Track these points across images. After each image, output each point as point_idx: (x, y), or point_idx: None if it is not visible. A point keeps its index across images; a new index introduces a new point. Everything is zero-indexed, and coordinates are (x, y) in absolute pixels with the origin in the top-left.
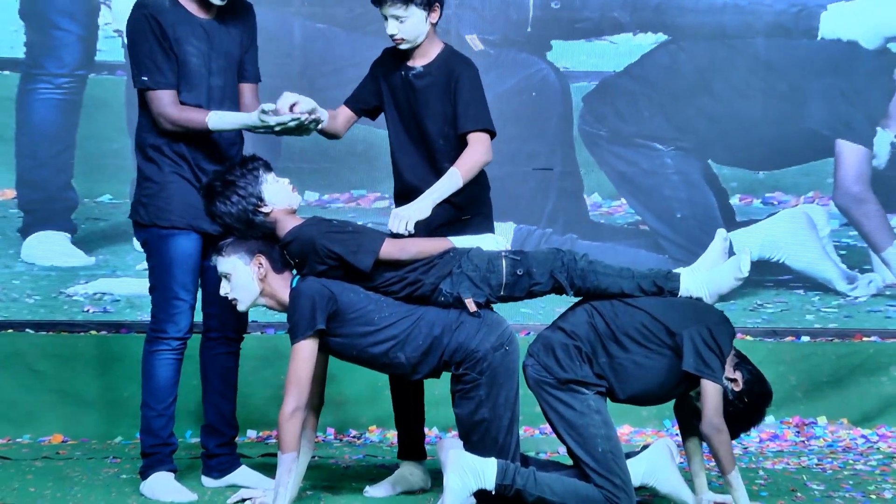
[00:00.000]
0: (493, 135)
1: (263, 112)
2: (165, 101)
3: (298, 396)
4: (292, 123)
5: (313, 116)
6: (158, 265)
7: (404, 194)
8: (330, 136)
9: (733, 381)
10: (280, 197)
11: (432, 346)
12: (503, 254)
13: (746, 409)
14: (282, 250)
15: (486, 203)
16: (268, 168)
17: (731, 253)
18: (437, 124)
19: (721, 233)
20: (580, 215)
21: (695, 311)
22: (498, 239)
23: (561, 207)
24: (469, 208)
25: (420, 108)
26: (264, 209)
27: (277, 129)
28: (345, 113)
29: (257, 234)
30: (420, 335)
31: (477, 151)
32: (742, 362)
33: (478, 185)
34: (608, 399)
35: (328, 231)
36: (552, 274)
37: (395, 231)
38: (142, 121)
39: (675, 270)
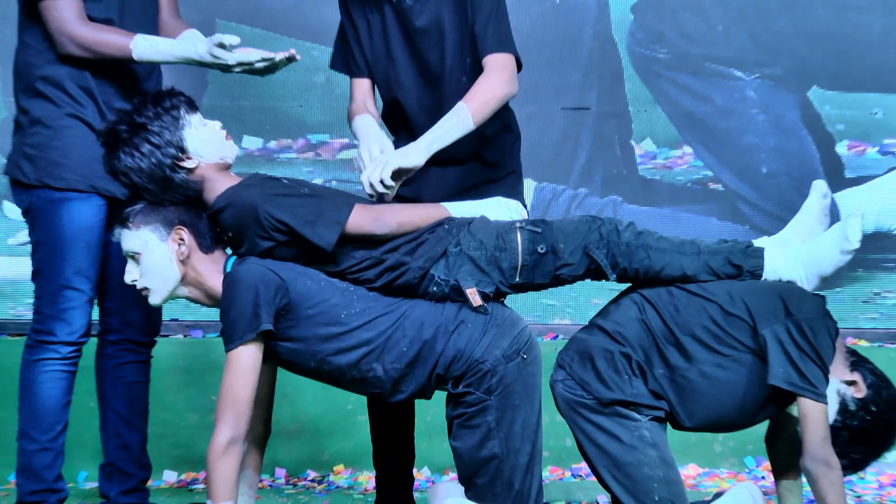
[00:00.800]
0: (519, 64)
1: (221, 46)
2: (70, 13)
3: (235, 424)
4: (260, 64)
5: (287, 54)
6: (46, 241)
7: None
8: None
9: (852, 384)
10: (209, 146)
11: (421, 354)
12: (518, 225)
13: (874, 425)
14: (212, 220)
15: (519, 158)
16: (192, 107)
17: (835, 219)
18: (448, 58)
19: (819, 186)
20: (626, 170)
21: (785, 299)
22: (511, 204)
23: (599, 160)
24: (503, 165)
25: (421, 43)
26: (187, 163)
27: (237, 69)
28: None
29: (177, 198)
30: (404, 339)
31: (494, 80)
32: (860, 361)
33: (510, 132)
34: (668, 427)
35: (276, 194)
36: (586, 251)
37: (369, 192)
38: (27, 41)
39: (756, 243)
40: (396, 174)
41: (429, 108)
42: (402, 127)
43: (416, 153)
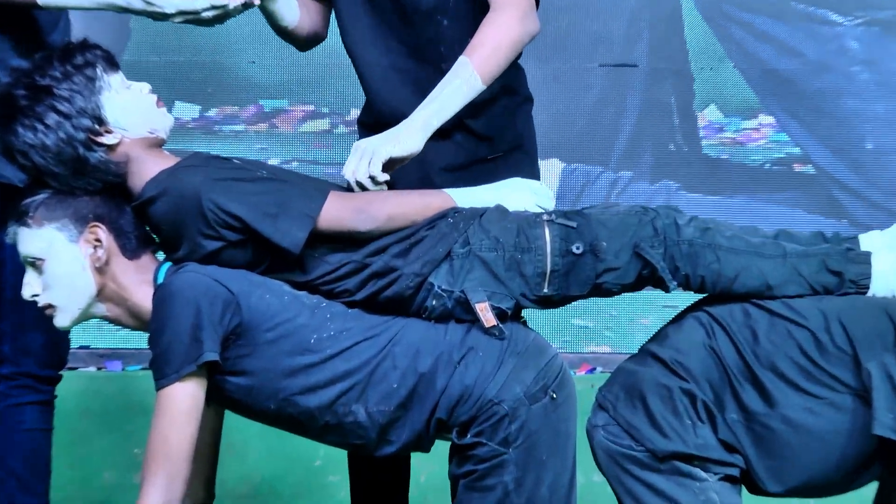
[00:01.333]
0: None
1: None
2: None
3: (168, 485)
4: (208, 13)
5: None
6: None
7: (382, 125)
8: (295, 37)
9: None
10: (135, 116)
11: (416, 392)
12: (546, 217)
13: None
14: (139, 214)
15: (529, 128)
16: (111, 64)
17: None
18: None
19: None
20: (686, 147)
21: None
22: (538, 189)
23: (649, 133)
24: (502, 138)
25: None
26: (106, 139)
27: (177, 19)
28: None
29: (93, 186)
30: (394, 372)
31: (503, 21)
32: None
33: (516, 94)
34: (743, 489)
35: (225, 178)
36: (637, 251)
37: (351, 182)
38: None
39: (862, 242)
40: (388, 165)
41: (394, 68)
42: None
43: (411, 136)
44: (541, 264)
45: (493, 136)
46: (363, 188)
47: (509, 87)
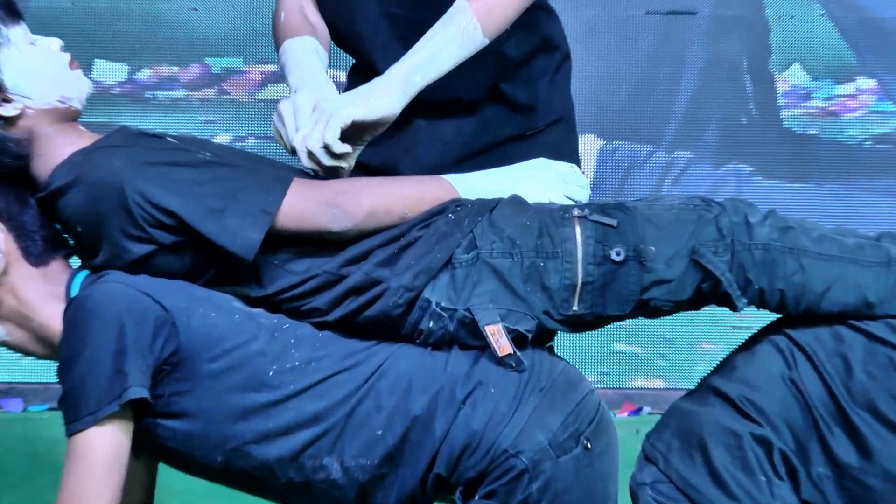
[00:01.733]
0: None
1: None
2: None
3: None
4: None
5: None
6: None
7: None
8: None
9: None
10: (41, 80)
11: (407, 440)
12: (577, 212)
13: None
14: (46, 209)
15: (568, 93)
16: (12, 13)
17: None
18: None
19: None
20: (761, 119)
21: None
22: (567, 173)
23: (713, 102)
24: (544, 108)
25: None
26: (4, 109)
27: None
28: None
29: None
30: (378, 416)
31: None
32: None
33: (556, 50)
34: None
35: (156, 162)
36: (695, 258)
37: (307, 165)
38: None
39: None
40: (353, 134)
41: (393, 21)
42: (355, 65)
43: (386, 94)
44: (570, 274)
45: (534, 104)
46: (318, 164)
47: (548, 41)
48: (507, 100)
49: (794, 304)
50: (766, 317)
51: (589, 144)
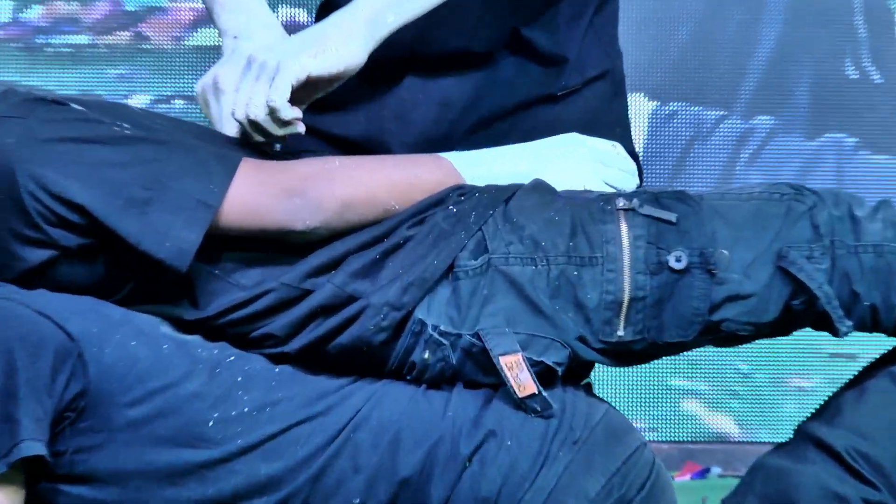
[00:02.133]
0: None
1: None
2: None
3: None
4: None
5: None
6: None
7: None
8: None
9: None
10: None
11: None
12: (623, 204)
13: None
14: None
15: (615, 41)
16: None
17: None
18: None
19: None
20: (878, 74)
21: None
22: (607, 153)
23: (805, 49)
24: (582, 61)
25: None
26: None
27: None
28: None
29: None
30: (355, 478)
31: None
32: None
33: None
34: None
35: (56, 137)
36: (781, 264)
37: (239, 120)
38: None
39: None
40: (306, 92)
41: None
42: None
43: (348, 39)
44: (613, 287)
45: (565, 55)
46: (261, 133)
47: None
48: (529, 48)
49: None
50: (879, 341)
51: (637, 107)
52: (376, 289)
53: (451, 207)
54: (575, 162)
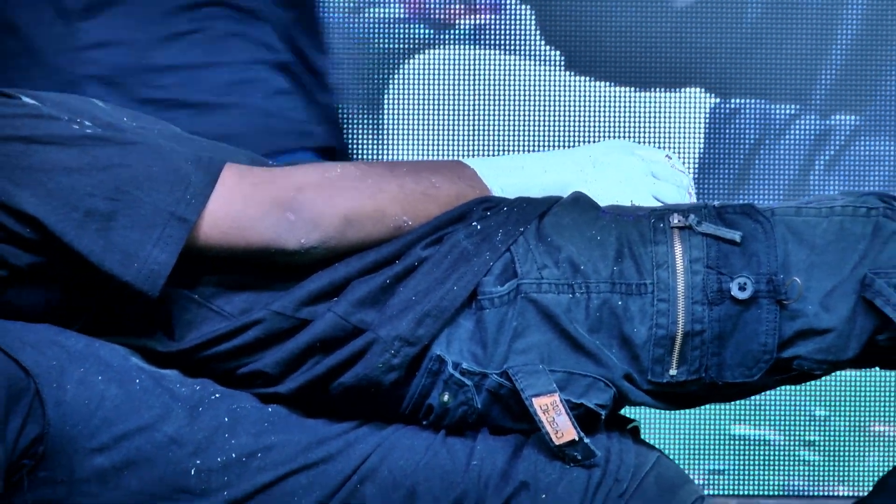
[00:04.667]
0: None
1: None
2: None
3: None
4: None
5: None
6: None
7: None
8: None
9: None
10: None
11: None
12: (678, 221)
13: None
14: None
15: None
16: None
17: None
18: None
19: None
20: None
21: None
22: (659, 162)
23: None
24: None
25: None
26: None
27: None
28: None
29: None
30: None
31: None
32: None
33: None
34: None
35: (3, 136)
36: (865, 295)
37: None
38: None
39: None
40: None
41: None
42: None
43: None
44: (665, 320)
45: None
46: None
47: None
48: None
49: None
50: None
51: (695, 101)
52: (385, 319)
53: (474, 224)
54: (623, 173)
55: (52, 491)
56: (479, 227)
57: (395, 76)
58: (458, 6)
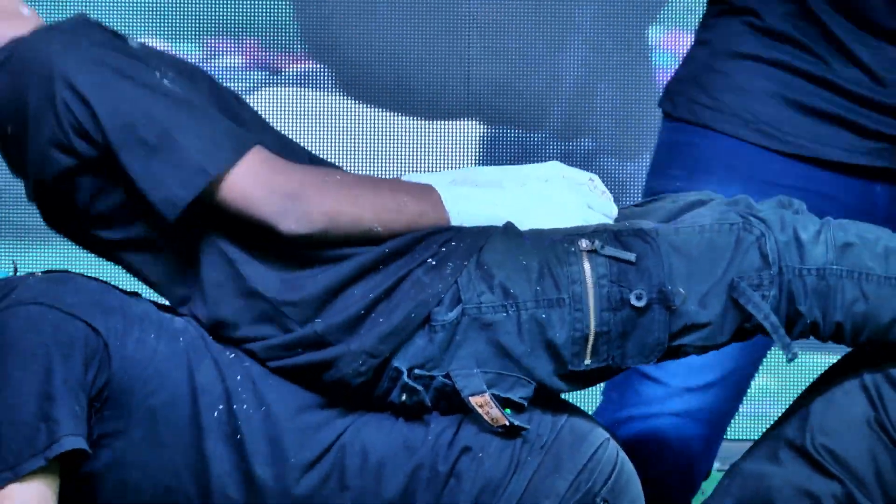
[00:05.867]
0: None
1: None
2: None
3: None
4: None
5: None
6: None
7: None
8: None
9: None
10: None
11: None
12: (587, 245)
13: None
14: None
15: None
16: None
17: None
18: None
19: None
20: None
21: None
22: (578, 180)
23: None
24: None
25: None
26: None
27: None
28: None
29: None
30: (342, 494)
31: None
32: None
33: None
34: None
35: (100, 61)
36: (734, 296)
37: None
38: None
39: None
40: None
41: None
42: None
43: None
44: (580, 325)
45: None
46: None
47: None
48: None
49: (853, 335)
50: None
51: (468, 132)
52: (357, 337)
53: (429, 261)
54: (563, 210)
55: (111, 425)
56: (433, 262)
57: None
58: (285, 56)
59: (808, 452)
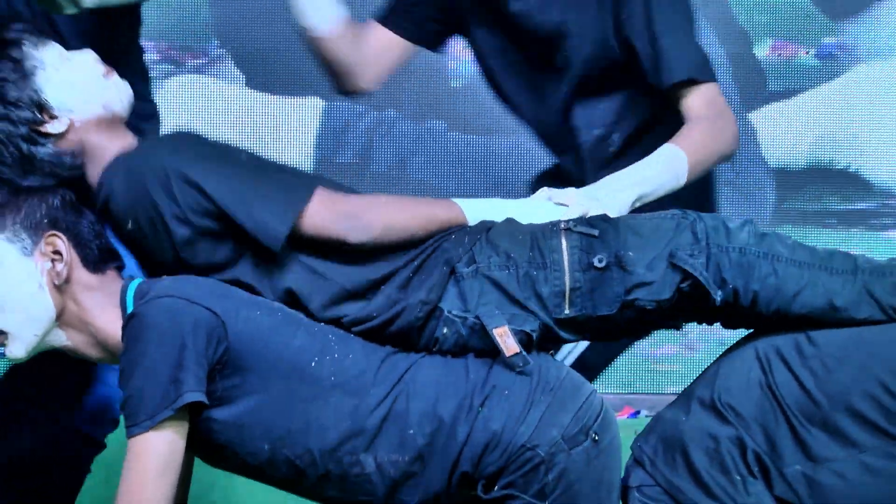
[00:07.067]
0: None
1: None
2: None
3: None
4: None
5: None
6: None
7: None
8: (341, 76)
9: None
10: (82, 93)
11: (435, 441)
12: (563, 226)
13: None
14: (102, 217)
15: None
16: (42, 36)
17: None
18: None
19: None
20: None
21: None
22: (558, 194)
23: None
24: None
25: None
26: (52, 126)
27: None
28: (381, 38)
29: (48, 182)
30: (409, 415)
31: (713, 128)
32: None
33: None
34: None
35: (197, 155)
36: (672, 261)
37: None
38: None
39: None
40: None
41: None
42: None
43: (617, 201)
44: (559, 282)
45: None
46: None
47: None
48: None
49: (766, 304)
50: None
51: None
52: (410, 294)
53: (452, 236)
54: (536, 207)
55: (231, 380)
56: (454, 237)
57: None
58: (186, 52)
59: (714, 405)
